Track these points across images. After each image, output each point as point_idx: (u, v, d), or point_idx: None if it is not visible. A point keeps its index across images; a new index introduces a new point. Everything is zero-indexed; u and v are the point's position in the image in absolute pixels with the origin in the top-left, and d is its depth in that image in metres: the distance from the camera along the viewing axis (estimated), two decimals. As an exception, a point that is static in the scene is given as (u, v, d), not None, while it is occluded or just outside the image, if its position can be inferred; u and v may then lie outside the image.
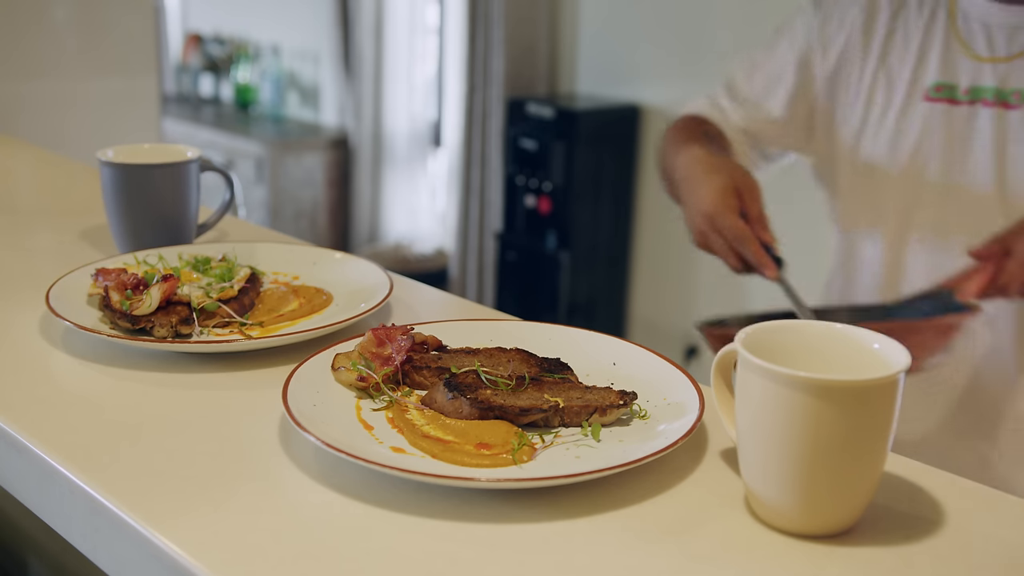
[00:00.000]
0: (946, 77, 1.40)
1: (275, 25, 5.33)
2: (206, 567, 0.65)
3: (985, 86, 1.38)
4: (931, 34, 1.41)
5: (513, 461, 0.77)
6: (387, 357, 0.90)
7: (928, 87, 1.41)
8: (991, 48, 1.38)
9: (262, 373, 0.95)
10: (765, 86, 1.53)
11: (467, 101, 4.18)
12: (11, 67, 2.25)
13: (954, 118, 1.39)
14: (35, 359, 0.98)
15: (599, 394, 0.85)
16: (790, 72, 1.51)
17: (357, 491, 0.74)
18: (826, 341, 0.76)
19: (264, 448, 0.81)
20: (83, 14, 2.36)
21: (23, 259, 1.31)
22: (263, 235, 1.49)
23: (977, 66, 1.38)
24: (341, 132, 4.93)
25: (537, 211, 3.83)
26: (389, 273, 1.13)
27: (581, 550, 0.69)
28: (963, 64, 1.39)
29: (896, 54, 1.44)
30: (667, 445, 0.76)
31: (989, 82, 1.37)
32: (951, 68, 1.40)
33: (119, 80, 2.46)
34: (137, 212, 1.23)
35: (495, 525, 0.71)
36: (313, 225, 4.88)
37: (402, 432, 0.82)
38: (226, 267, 1.10)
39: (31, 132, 2.22)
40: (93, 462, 0.78)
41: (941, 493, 0.76)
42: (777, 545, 0.70)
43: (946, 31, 1.40)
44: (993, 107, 1.37)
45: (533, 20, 4.01)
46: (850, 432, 0.67)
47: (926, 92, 1.41)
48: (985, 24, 1.38)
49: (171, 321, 0.99)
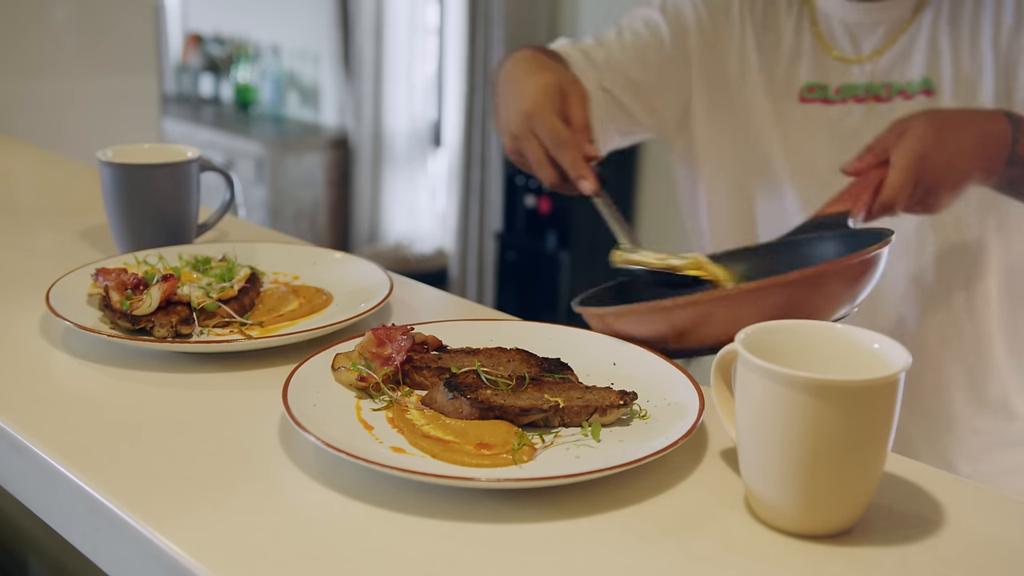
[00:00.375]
0: (817, 78, 1.40)
1: (275, 25, 5.33)
2: (206, 567, 0.65)
3: (856, 83, 1.38)
4: (800, 35, 1.41)
5: (513, 461, 0.77)
6: (387, 357, 0.90)
7: (801, 88, 1.40)
8: (856, 47, 1.38)
9: (262, 373, 0.95)
10: (636, 43, 1.43)
11: (467, 101, 4.18)
12: (11, 66, 2.25)
13: (829, 117, 1.39)
14: (35, 359, 0.98)
15: (599, 394, 0.85)
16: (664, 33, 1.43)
17: (357, 491, 0.74)
18: (826, 341, 0.76)
19: (264, 448, 0.81)
20: (83, 14, 2.36)
21: (23, 259, 1.30)
22: (263, 235, 1.49)
23: (845, 66, 1.38)
24: (341, 132, 4.93)
25: (537, 211, 3.83)
26: (389, 273, 1.13)
27: (581, 550, 0.69)
28: (832, 64, 1.39)
29: (767, 53, 1.42)
30: (667, 445, 0.76)
31: (859, 79, 1.38)
32: (821, 69, 1.39)
33: (119, 80, 2.45)
34: (137, 212, 1.23)
35: (495, 525, 0.71)
36: (313, 225, 4.88)
37: (402, 432, 0.82)
38: (226, 267, 1.10)
39: (31, 132, 2.22)
40: (93, 462, 0.78)
41: (941, 493, 0.76)
42: (777, 545, 0.70)
43: (812, 33, 1.40)
44: (865, 102, 1.38)
45: (533, 20, 4.01)
46: (850, 432, 0.67)
47: (800, 93, 1.40)
48: (845, 23, 1.39)
49: (171, 321, 0.99)
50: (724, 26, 1.44)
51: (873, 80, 1.37)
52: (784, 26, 1.41)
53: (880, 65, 1.37)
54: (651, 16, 1.45)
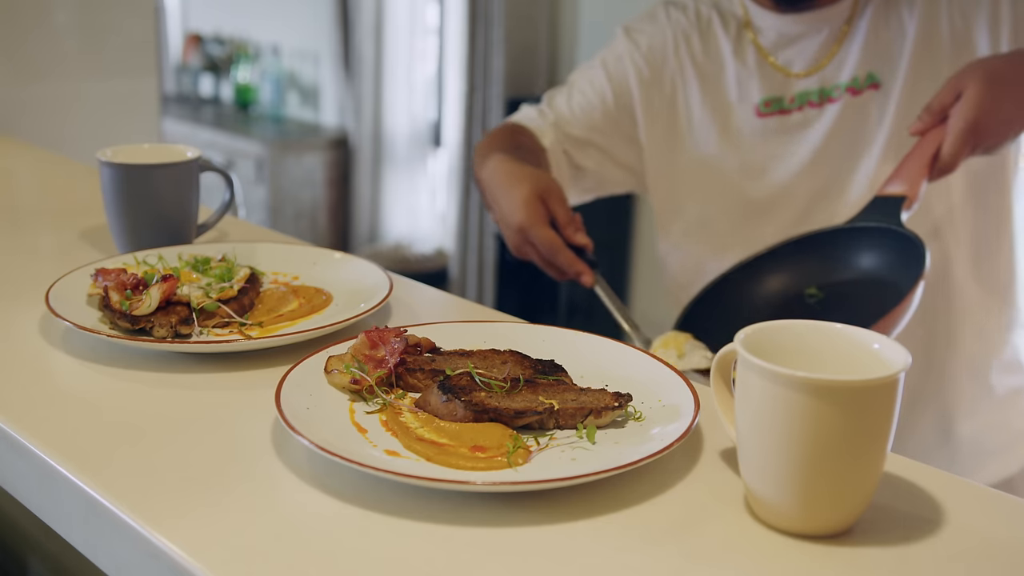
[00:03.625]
0: (771, 92, 1.42)
1: (275, 25, 5.33)
2: (205, 567, 0.65)
3: (808, 90, 1.41)
4: (743, 56, 1.43)
5: (508, 464, 0.77)
6: (380, 359, 0.90)
7: (757, 104, 1.43)
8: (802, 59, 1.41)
9: (262, 373, 0.95)
10: (583, 103, 1.50)
11: (467, 101, 4.18)
12: (12, 70, 2.25)
13: (788, 126, 1.42)
14: (35, 359, 0.98)
15: (594, 396, 0.85)
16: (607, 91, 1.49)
17: (354, 493, 0.74)
18: (826, 341, 0.76)
19: (264, 448, 0.81)
20: (84, 16, 2.36)
21: (23, 259, 1.30)
22: (263, 235, 1.49)
23: (794, 79, 1.41)
24: (341, 132, 4.93)
25: (537, 211, 3.81)
26: (389, 273, 1.13)
27: (580, 551, 0.68)
28: (782, 78, 1.42)
29: (714, 75, 1.45)
30: (663, 447, 0.76)
31: (811, 86, 1.41)
32: (772, 83, 1.42)
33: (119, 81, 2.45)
34: (137, 212, 1.23)
35: (492, 528, 0.71)
36: (313, 225, 4.88)
37: (396, 435, 0.81)
38: (226, 267, 1.10)
39: (32, 133, 2.22)
40: (93, 462, 0.78)
41: (941, 493, 0.76)
42: (777, 545, 0.70)
43: (756, 51, 1.42)
44: (819, 106, 1.41)
45: (533, 20, 4.01)
46: (850, 432, 0.67)
47: (757, 109, 1.43)
48: (783, 35, 1.41)
49: (171, 321, 0.99)
50: (663, 70, 1.47)
51: (825, 85, 1.40)
52: (725, 51, 1.43)
53: (827, 72, 1.39)
54: (594, 75, 1.51)
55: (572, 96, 1.51)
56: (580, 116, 1.48)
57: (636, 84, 1.47)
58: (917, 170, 1.17)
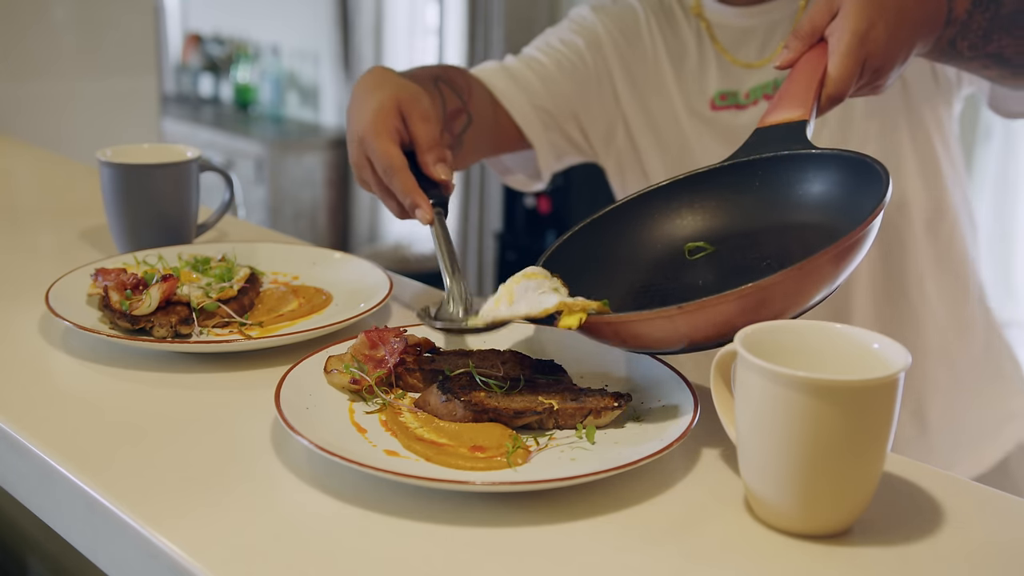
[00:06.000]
0: (726, 85, 1.40)
1: (275, 25, 5.33)
2: (205, 567, 0.65)
3: (764, 82, 1.38)
4: (702, 46, 1.41)
5: (508, 464, 0.77)
6: (380, 359, 0.90)
7: (712, 96, 1.40)
8: (760, 50, 1.38)
9: (262, 373, 0.95)
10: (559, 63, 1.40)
11: (467, 101, 4.18)
12: (10, 67, 2.25)
13: (742, 122, 1.39)
14: (35, 359, 0.98)
15: (593, 396, 0.85)
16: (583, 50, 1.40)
17: (354, 493, 0.74)
18: (826, 341, 0.76)
19: (264, 448, 0.81)
20: (82, 13, 2.36)
21: (23, 259, 1.30)
22: (263, 235, 1.49)
23: (749, 71, 1.38)
24: (341, 132, 4.93)
25: (537, 211, 3.82)
26: (389, 273, 1.13)
27: (580, 551, 0.68)
28: (737, 71, 1.39)
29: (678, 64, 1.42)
30: (663, 447, 0.76)
31: (766, 78, 1.38)
32: (728, 76, 1.40)
33: (119, 80, 2.45)
34: (137, 212, 1.23)
35: (491, 528, 0.71)
36: (313, 225, 4.88)
37: (396, 435, 0.81)
38: (226, 267, 1.10)
39: (31, 132, 2.22)
40: (92, 462, 0.78)
41: (941, 493, 0.76)
42: (777, 545, 0.70)
43: (712, 43, 1.40)
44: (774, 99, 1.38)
45: (533, 20, 4.01)
46: (850, 432, 0.67)
47: (712, 101, 1.40)
48: (737, 28, 1.39)
49: (171, 321, 0.99)
50: (636, 40, 1.43)
51: (780, 77, 1.34)
52: (687, 38, 1.42)
53: None
54: (565, 34, 1.44)
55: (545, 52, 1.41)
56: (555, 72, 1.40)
57: (609, 44, 1.42)
58: (802, 94, 0.96)
